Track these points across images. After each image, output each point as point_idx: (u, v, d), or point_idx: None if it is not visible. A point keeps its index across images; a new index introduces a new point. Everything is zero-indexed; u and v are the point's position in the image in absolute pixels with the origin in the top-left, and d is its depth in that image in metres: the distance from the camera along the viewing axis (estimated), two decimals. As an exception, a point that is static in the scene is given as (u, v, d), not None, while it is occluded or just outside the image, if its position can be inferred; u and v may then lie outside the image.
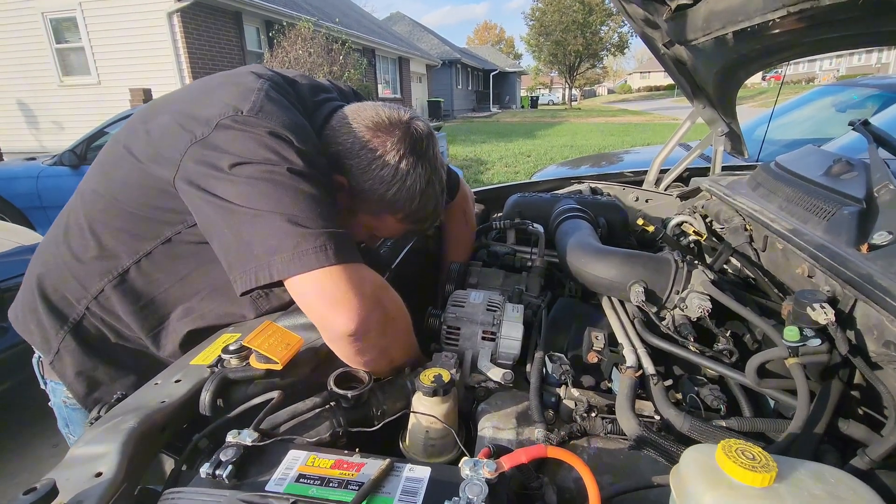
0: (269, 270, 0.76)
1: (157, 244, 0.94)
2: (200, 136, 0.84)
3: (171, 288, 0.98)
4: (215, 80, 0.98)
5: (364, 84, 13.96)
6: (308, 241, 0.76)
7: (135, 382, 1.03)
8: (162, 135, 0.90)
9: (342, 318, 0.75)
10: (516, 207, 1.59)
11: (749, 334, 1.02)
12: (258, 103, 0.86)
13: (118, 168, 0.94)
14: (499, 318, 1.02)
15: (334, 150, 0.97)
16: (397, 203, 0.99)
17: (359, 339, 0.78)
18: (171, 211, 0.91)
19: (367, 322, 0.77)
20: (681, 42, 1.24)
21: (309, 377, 0.84)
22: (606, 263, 1.06)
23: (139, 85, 8.82)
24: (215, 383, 0.75)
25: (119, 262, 0.95)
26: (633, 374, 0.84)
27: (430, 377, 0.82)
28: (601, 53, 42.77)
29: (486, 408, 0.89)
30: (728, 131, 1.71)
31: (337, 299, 0.76)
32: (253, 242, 0.78)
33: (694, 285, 1.00)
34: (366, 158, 0.96)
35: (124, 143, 0.95)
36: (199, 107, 0.89)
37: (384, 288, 0.84)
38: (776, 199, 1.21)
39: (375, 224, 1.06)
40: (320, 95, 1.06)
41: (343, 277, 0.77)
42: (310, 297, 0.78)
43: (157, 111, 0.96)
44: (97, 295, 0.97)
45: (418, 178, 0.98)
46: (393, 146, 0.96)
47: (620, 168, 4.49)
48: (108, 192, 0.95)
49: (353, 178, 0.97)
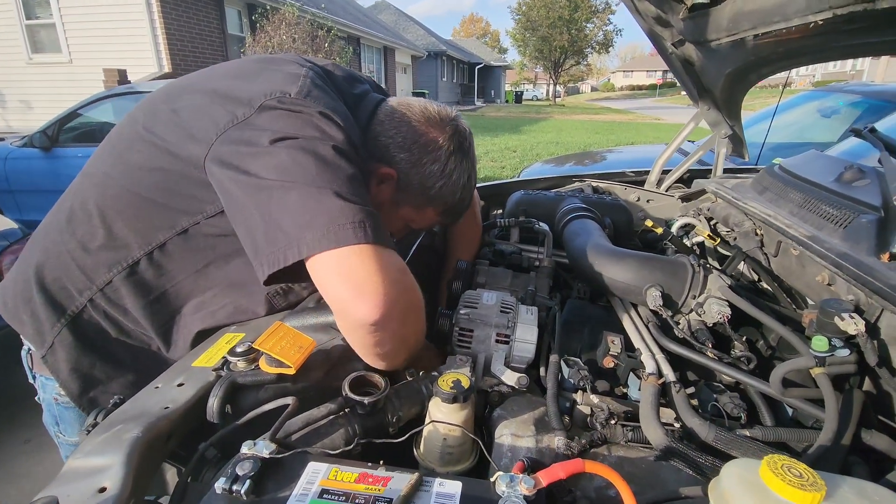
0: (299, 247, 0.71)
1: (172, 235, 0.89)
2: (242, 117, 0.80)
3: (185, 280, 0.93)
4: (252, 64, 0.94)
5: (349, 73, 13.70)
6: (347, 215, 0.72)
7: (133, 382, 0.97)
8: (195, 115, 0.85)
9: (367, 305, 0.70)
10: (520, 205, 1.56)
11: (763, 340, 1.02)
12: (305, 88, 0.84)
13: (136, 150, 0.89)
14: (513, 321, 0.99)
15: (384, 142, 0.98)
16: (442, 197, 1.02)
17: (380, 329, 0.73)
18: (190, 198, 0.86)
19: (391, 310, 0.72)
20: (697, 42, 1.22)
21: (321, 381, 0.80)
22: (623, 266, 1.04)
23: (113, 65, 8.49)
24: (224, 388, 0.71)
25: (129, 253, 0.90)
26: (656, 382, 0.83)
27: (450, 382, 0.79)
28: (586, 51, 43.02)
29: (502, 413, 0.86)
30: (731, 134, 1.71)
31: (363, 282, 0.71)
32: (282, 220, 0.73)
33: (711, 290, 0.99)
34: (418, 152, 0.97)
35: (143, 125, 0.90)
36: (239, 89, 0.85)
37: (407, 274, 0.80)
38: (786, 204, 1.21)
39: (415, 217, 1.07)
40: (357, 87, 1.04)
41: (374, 258, 0.72)
42: (333, 278, 0.72)
43: (184, 91, 0.92)
44: (104, 287, 0.91)
45: (462, 173, 1.02)
46: (445, 142, 0.98)
47: (604, 167, 4.53)
48: (123, 175, 0.89)
49: (401, 171, 0.98)
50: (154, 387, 0.75)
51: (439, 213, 1.07)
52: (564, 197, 1.57)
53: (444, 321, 1.02)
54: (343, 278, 0.71)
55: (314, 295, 0.97)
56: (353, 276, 0.71)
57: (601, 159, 5.01)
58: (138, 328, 0.95)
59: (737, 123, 1.71)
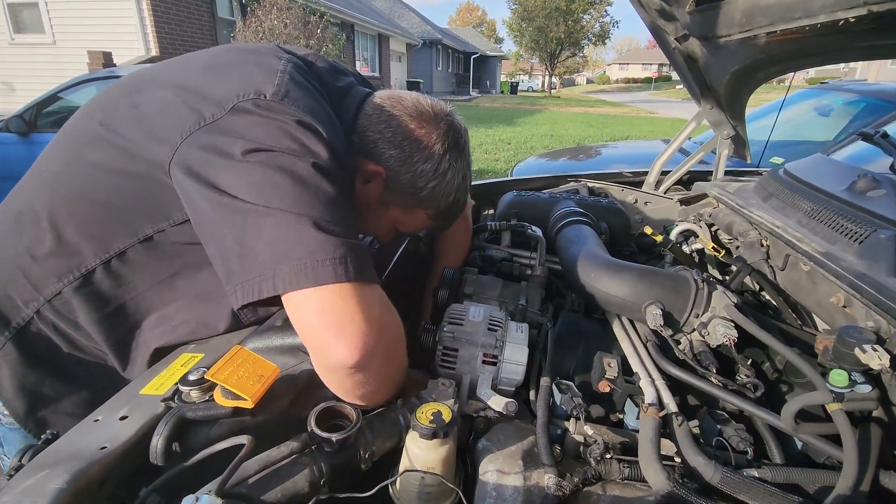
0: (275, 280, 0.64)
1: (133, 242, 0.80)
2: (210, 119, 0.72)
3: (147, 292, 0.84)
4: (224, 54, 0.85)
5: (342, 60, 13.50)
6: (327, 250, 0.65)
7: (88, 400, 0.89)
8: (158, 112, 0.76)
9: (347, 346, 0.63)
10: (512, 207, 1.47)
11: (769, 362, 0.95)
12: (283, 87, 0.74)
13: (93, 148, 0.80)
14: (501, 339, 0.91)
15: (372, 137, 0.90)
16: (434, 198, 0.95)
17: (361, 371, 0.66)
18: (154, 204, 0.77)
19: (373, 351, 0.65)
20: (703, 37, 1.14)
21: (285, 412, 0.72)
22: (620, 280, 0.96)
23: (98, 48, 8.24)
24: (170, 426, 0.62)
25: (82, 261, 0.80)
26: (657, 414, 0.75)
27: (429, 415, 0.71)
28: (582, 42, 42.76)
29: (487, 445, 0.79)
30: (734, 135, 1.63)
31: (342, 323, 0.64)
32: (258, 248, 0.65)
33: (716, 309, 0.91)
34: (408, 149, 0.90)
35: (101, 120, 0.80)
36: (210, 84, 0.76)
37: (389, 308, 0.72)
38: (794, 213, 1.14)
39: (404, 219, 1.00)
40: (342, 80, 0.96)
41: (355, 297, 0.65)
42: (310, 318, 0.65)
43: (148, 83, 0.82)
44: (52, 298, 0.82)
45: (457, 173, 0.95)
46: (438, 139, 0.91)
47: (599, 163, 4.46)
48: (77, 176, 0.80)
49: (390, 170, 0.91)
50: (94, 419, 0.66)
51: (431, 216, 1.00)
52: (559, 199, 1.48)
53: (428, 337, 0.94)
54: (321, 319, 0.64)
55: (281, 312, 0.88)
56: (332, 317, 0.64)
57: (595, 154, 4.95)
58: (91, 343, 0.87)
59: (740, 124, 1.63)
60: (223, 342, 0.84)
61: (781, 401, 0.94)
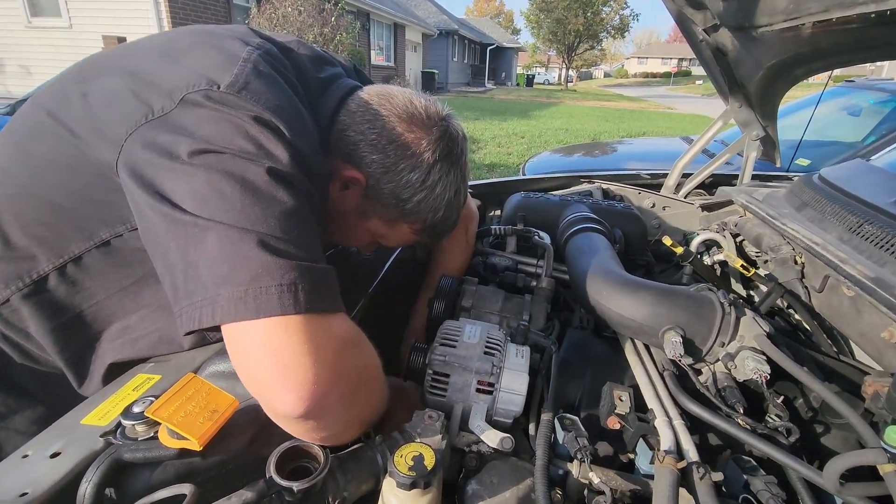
0: (213, 308, 0.55)
1: (88, 247, 0.71)
2: (159, 112, 0.63)
3: (106, 301, 0.76)
4: (187, 36, 0.75)
5: (357, 49, 13.37)
6: (272, 275, 0.55)
7: (43, 417, 0.81)
8: (106, 102, 0.67)
9: (289, 396, 0.54)
10: (519, 210, 1.36)
11: (802, 399, 0.83)
12: (242, 78, 0.65)
13: (39, 141, 0.71)
14: (499, 365, 0.81)
15: (352, 137, 0.80)
16: (419, 213, 0.85)
17: (312, 419, 0.57)
18: (107, 205, 0.69)
19: (325, 399, 0.56)
20: (738, 27, 1.02)
21: (245, 452, 0.62)
22: (636, 301, 0.85)
23: (113, 32, 8.22)
24: (101, 470, 0.53)
25: (34, 266, 0.72)
26: (675, 466, 0.65)
27: (409, 459, 0.61)
28: (601, 35, 42.05)
29: (477, 490, 0.69)
30: (763, 136, 1.50)
31: (286, 366, 0.54)
32: (200, 266, 0.56)
33: (745, 338, 0.80)
34: (394, 155, 0.80)
35: (49, 109, 0.72)
36: (161, 71, 0.67)
37: (354, 344, 0.63)
38: (833, 227, 1.01)
39: (385, 232, 0.90)
40: (326, 70, 0.86)
41: (304, 333, 0.55)
42: (249, 357, 0.56)
43: (100, 70, 0.73)
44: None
45: (447, 187, 0.85)
46: (429, 146, 0.81)
47: (614, 160, 4.31)
48: (23, 172, 0.71)
49: (371, 177, 0.81)
50: (22, 455, 0.58)
51: (416, 231, 0.91)
52: (570, 203, 1.37)
53: (417, 359, 0.84)
54: (262, 361, 0.55)
55: None
56: (274, 358, 0.54)
57: (611, 151, 4.80)
58: (45, 355, 0.78)
59: (771, 124, 1.50)
60: (186, 361, 0.75)
61: (815, 443, 0.83)
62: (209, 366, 0.71)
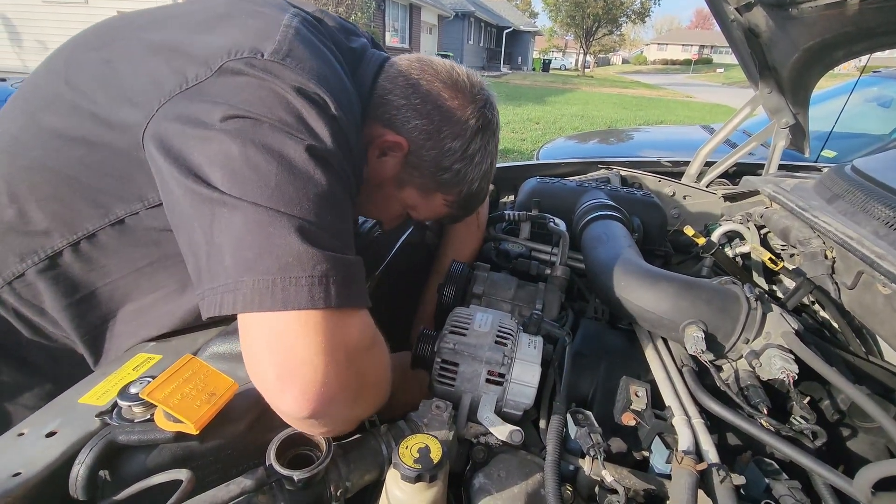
0: (234, 295, 0.51)
1: (103, 224, 0.69)
2: (194, 80, 0.59)
3: (121, 280, 0.73)
4: (221, 5, 0.71)
5: (371, 29, 13.21)
6: (304, 264, 0.52)
7: (51, 392, 0.78)
8: (134, 70, 0.64)
9: (293, 396, 0.51)
10: (534, 196, 1.32)
11: (829, 400, 0.79)
12: (286, 44, 0.61)
13: (52, 111, 0.68)
14: (510, 355, 0.78)
15: (395, 102, 0.78)
16: (456, 183, 0.84)
17: (314, 419, 0.54)
18: (125, 181, 0.66)
19: (329, 404, 0.53)
20: (777, 4, 0.95)
21: (244, 437, 0.60)
22: (657, 293, 0.81)
23: (128, 8, 8.21)
24: (95, 452, 0.51)
25: (49, 241, 0.70)
26: (694, 468, 0.61)
27: (415, 451, 0.59)
28: (620, 20, 41.09)
29: (485, 484, 0.66)
30: (793, 124, 1.43)
31: (296, 366, 0.51)
32: (224, 248, 0.53)
33: (771, 335, 0.76)
34: (438, 121, 0.78)
35: (66, 77, 0.69)
36: (196, 40, 0.63)
37: (370, 346, 0.59)
38: (868, 220, 0.96)
39: (419, 203, 0.88)
40: (354, 40, 0.82)
41: (325, 332, 0.52)
42: (261, 350, 0.53)
43: (122, 36, 0.70)
44: (13, 280, 0.72)
45: (485, 157, 0.84)
46: (472, 114, 0.79)
47: (630, 148, 4.21)
48: (36, 143, 0.68)
49: (414, 143, 0.79)
50: (18, 433, 0.56)
51: (449, 202, 0.89)
52: (587, 189, 1.32)
53: (426, 346, 0.81)
54: (271, 357, 0.52)
55: None
56: (285, 356, 0.51)
57: (627, 138, 4.69)
58: (59, 332, 0.77)
59: (802, 112, 1.43)
60: (188, 341, 0.73)
61: (840, 447, 0.79)
62: (210, 347, 0.69)
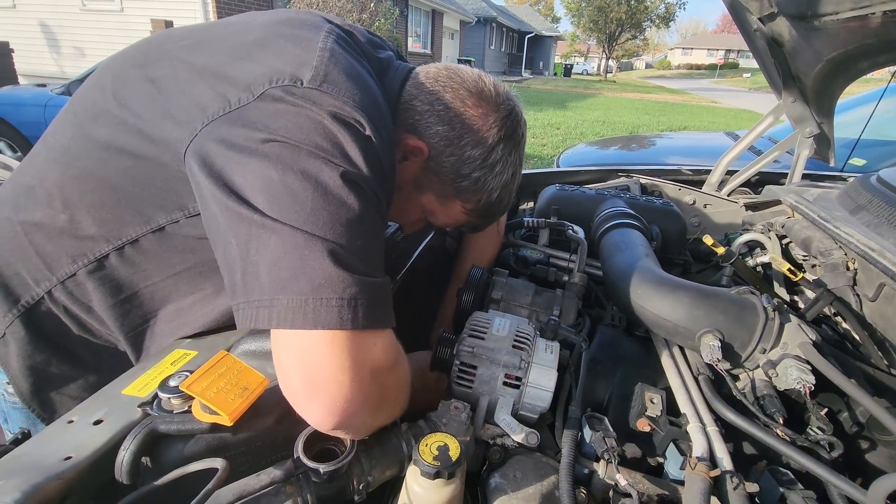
0: (270, 312, 0.55)
1: (145, 231, 0.74)
2: (237, 105, 0.63)
3: (161, 283, 0.79)
4: (256, 29, 0.74)
5: (394, 36, 13.36)
6: (334, 287, 0.55)
7: (95, 384, 0.84)
8: (179, 91, 0.69)
9: (318, 411, 0.56)
10: (553, 203, 1.34)
11: (847, 412, 0.79)
12: (322, 70, 0.65)
13: (100, 124, 0.73)
14: (527, 360, 0.80)
15: (419, 108, 0.80)
16: (475, 191, 0.85)
17: (338, 429, 0.59)
18: (168, 192, 0.70)
19: (351, 417, 0.58)
20: (799, 16, 0.95)
21: (273, 429, 0.64)
22: (673, 301, 0.83)
23: (161, 16, 8.47)
24: (138, 440, 0.55)
25: (95, 246, 0.75)
26: (707, 475, 0.62)
27: (434, 449, 0.62)
28: (644, 24, 40.63)
29: (500, 484, 0.69)
30: (818, 133, 1.42)
31: (324, 382, 0.55)
32: (260, 266, 0.57)
33: (788, 345, 0.77)
34: (459, 128, 0.79)
35: (113, 93, 0.74)
36: (238, 66, 0.67)
37: (393, 365, 0.63)
38: (891, 232, 0.95)
39: (437, 209, 0.89)
40: (381, 52, 0.86)
41: (352, 351, 0.56)
42: (291, 363, 0.57)
43: (165, 57, 0.74)
44: (65, 279, 0.77)
45: (506, 168, 0.84)
46: (495, 123, 0.80)
47: (653, 155, 4.16)
48: (86, 154, 0.74)
49: (434, 148, 0.81)
50: (68, 420, 0.61)
51: (467, 211, 0.89)
52: (606, 197, 1.33)
53: (445, 350, 0.84)
54: (301, 371, 0.56)
55: None
56: (314, 371, 0.55)
57: (649, 145, 4.64)
58: (104, 329, 0.82)
59: (826, 121, 1.41)
60: (221, 339, 0.77)
61: (859, 459, 0.79)
62: (241, 344, 0.73)
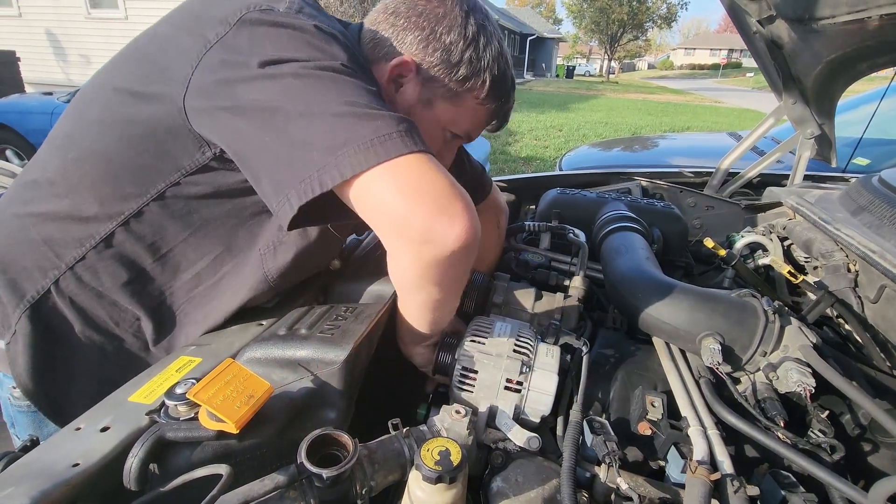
0: (338, 168, 0.58)
1: (146, 201, 0.76)
2: (216, 38, 0.66)
3: (170, 253, 0.82)
4: None
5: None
6: (390, 124, 0.59)
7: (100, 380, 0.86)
8: (161, 48, 0.72)
9: (456, 224, 0.58)
10: (554, 206, 1.34)
11: (849, 415, 0.79)
12: (297, 4, 0.69)
13: (95, 103, 0.77)
14: (528, 364, 0.80)
15: (384, 36, 0.83)
16: (476, 73, 0.84)
17: (462, 257, 0.62)
18: (163, 155, 0.73)
19: (477, 231, 0.61)
20: (797, 19, 0.96)
21: (277, 436, 0.64)
22: (674, 305, 0.83)
23: (164, 22, 8.56)
24: (146, 447, 0.56)
25: (101, 226, 0.78)
26: (708, 478, 0.63)
27: (435, 453, 0.62)
28: (646, 25, 40.62)
29: (502, 488, 0.69)
30: (819, 134, 1.42)
31: (441, 196, 0.58)
32: (311, 144, 0.59)
33: (789, 348, 0.77)
34: (426, 25, 0.81)
35: (103, 81, 0.78)
36: (212, 7, 0.70)
37: None
38: (893, 234, 0.95)
39: (454, 116, 0.89)
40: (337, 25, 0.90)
41: (440, 170, 0.60)
42: (395, 197, 0.59)
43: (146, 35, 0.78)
44: (74, 264, 0.79)
45: (490, 38, 0.85)
46: (455, 4, 0.82)
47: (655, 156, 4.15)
48: (83, 135, 0.77)
49: (417, 55, 0.82)
50: (75, 427, 0.62)
51: (482, 99, 0.87)
52: (607, 200, 1.34)
53: (446, 354, 0.85)
54: (411, 194, 0.58)
55: (286, 319, 0.81)
56: (426, 191, 0.58)
57: (652, 146, 4.63)
58: (115, 313, 0.83)
59: (827, 122, 1.41)
60: (225, 346, 0.78)
61: (861, 462, 0.79)
62: (247, 352, 0.74)
